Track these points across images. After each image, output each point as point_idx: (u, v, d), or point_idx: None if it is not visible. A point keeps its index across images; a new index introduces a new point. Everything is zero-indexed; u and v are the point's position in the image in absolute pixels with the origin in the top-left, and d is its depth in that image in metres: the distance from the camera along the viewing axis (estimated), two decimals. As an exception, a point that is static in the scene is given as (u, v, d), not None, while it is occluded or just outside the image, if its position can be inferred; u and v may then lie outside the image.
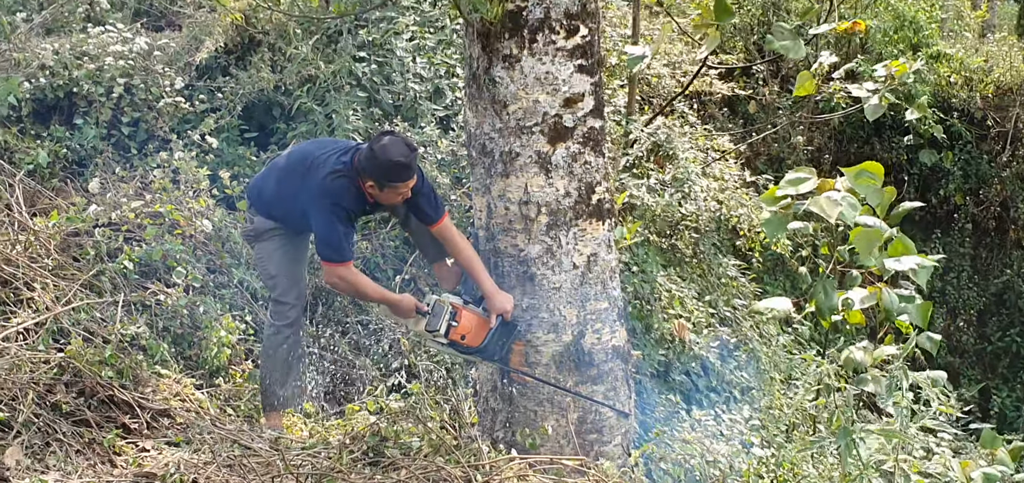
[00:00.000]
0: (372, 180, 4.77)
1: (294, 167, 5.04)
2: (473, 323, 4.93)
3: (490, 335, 4.93)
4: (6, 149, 6.36)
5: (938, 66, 13.84)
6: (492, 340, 4.94)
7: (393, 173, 4.73)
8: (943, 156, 13.71)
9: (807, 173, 4.92)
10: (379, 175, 4.74)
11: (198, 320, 5.73)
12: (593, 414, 5.05)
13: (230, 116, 7.17)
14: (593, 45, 4.84)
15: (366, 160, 4.76)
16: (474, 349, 4.95)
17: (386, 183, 4.77)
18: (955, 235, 13.93)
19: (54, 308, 5.11)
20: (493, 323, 4.93)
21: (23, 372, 4.51)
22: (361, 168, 4.79)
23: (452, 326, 4.90)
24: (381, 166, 4.71)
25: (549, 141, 4.80)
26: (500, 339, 4.95)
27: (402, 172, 4.74)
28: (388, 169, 4.72)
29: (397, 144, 4.75)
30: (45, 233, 5.69)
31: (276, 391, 5.26)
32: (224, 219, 6.43)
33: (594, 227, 4.97)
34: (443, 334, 4.89)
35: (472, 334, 4.92)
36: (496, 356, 4.98)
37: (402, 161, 4.71)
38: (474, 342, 4.93)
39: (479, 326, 4.93)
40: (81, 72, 6.80)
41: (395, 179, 4.76)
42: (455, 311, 4.90)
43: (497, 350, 4.96)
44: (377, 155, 4.71)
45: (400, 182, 4.79)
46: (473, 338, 4.93)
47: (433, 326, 4.90)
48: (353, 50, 7.49)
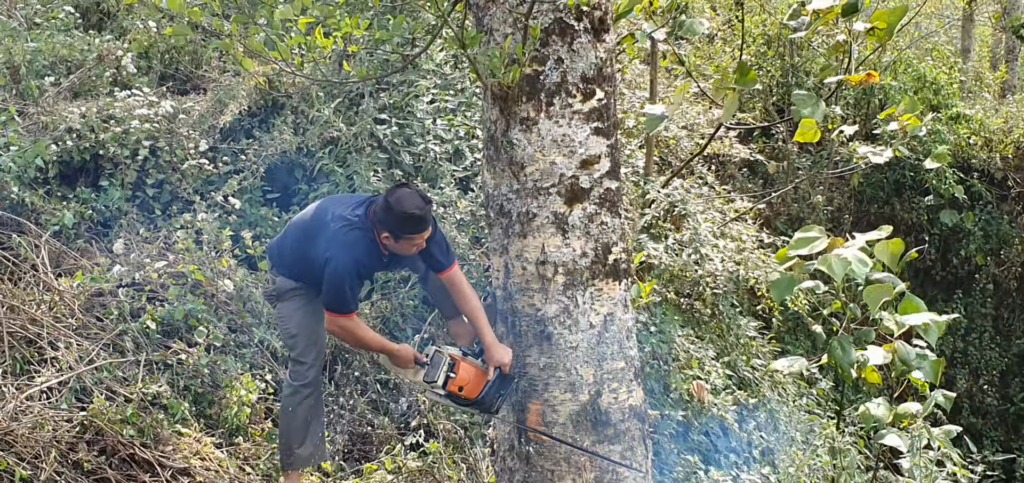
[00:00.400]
0: (388, 231, 4.86)
1: (311, 225, 5.13)
2: (471, 375, 5.00)
3: (487, 387, 4.99)
4: (33, 210, 6.47)
5: (958, 127, 13.88)
6: (489, 392, 5.00)
7: (409, 225, 4.82)
8: (964, 216, 13.71)
9: (817, 232, 4.96)
10: (395, 227, 4.83)
11: (219, 379, 5.79)
12: (610, 474, 5.06)
13: (253, 177, 7.27)
14: (609, 108, 4.91)
15: (382, 212, 4.85)
16: (471, 401, 5.02)
17: (401, 235, 4.85)
18: (977, 296, 13.89)
19: (77, 367, 5.18)
20: (491, 375, 4.99)
21: (46, 430, 4.58)
22: (377, 220, 4.88)
23: (450, 377, 4.97)
24: (397, 218, 4.80)
25: (566, 202, 4.86)
26: (497, 391, 5.01)
27: (417, 224, 4.84)
28: (404, 221, 4.80)
29: (412, 196, 4.83)
30: (70, 293, 5.78)
31: (294, 450, 5.30)
32: (246, 279, 6.51)
33: (611, 287, 5.01)
34: (441, 385, 4.97)
35: (470, 386, 4.99)
36: (493, 407, 5.03)
37: (417, 213, 4.80)
38: (471, 394, 4.99)
39: (477, 378, 5.00)
40: (107, 135, 6.92)
41: (410, 231, 4.85)
42: (453, 363, 4.98)
43: (494, 401, 5.01)
44: (393, 207, 4.80)
45: (415, 233, 4.88)
46: (470, 390, 4.99)
47: (431, 377, 4.98)
48: (374, 112, 7.60)
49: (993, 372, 13.71)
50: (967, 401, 13.36)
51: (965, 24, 17.90)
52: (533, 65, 4.76)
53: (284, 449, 5.35)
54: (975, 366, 13.64)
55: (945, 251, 13.94)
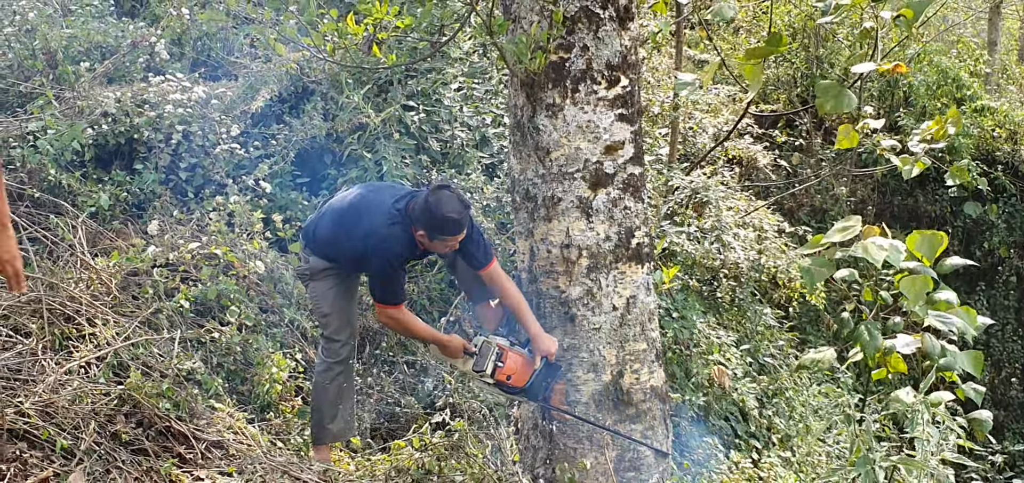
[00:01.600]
0: (424, 231, 4.94)
1: (349, 211, 5.24)
2: (518, 364, 5.10)
3: (535, 376, 5.09)
4: (70, 192, 6.62)
5: (982, 120, 13.88)
6: (537, 380, 5.10)
7: (446, 228, 4.90)
8: (987, 208, 13.72)
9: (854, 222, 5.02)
10: (432, 228, 4.91)
11: (250, 357, 5.93)
12: (631, 452, 5.18)
13: (283, 162, 7.40)
14: (633, 95, 5.02)
15: (421, 211, 4.93)
16: (519, 389, 5.12)
17: (437, 236, 4.94)
18: (1000, 288, 13.90)
19: (114, 343, 5.33)
20: (537, 364, 5.10)
21: (85, 403, 4.72)
22: (415, 217, 4.96)
23: (498, 367, 5.07)
24: (435, 220, 4.88)
25: (590, 187, 4.98)
26: (544, 379, 5.11)
27: (454, 227, 4.91)
28: (442, 224, 4.88)
29: (452, 200, 4.90)
30: (106, 272, 5.93)
31: (325, 426, 5.44)
32: (276, 261, 6.64)
33: (633, 270, 5.13)
34: (490, 374, 5.07)
35: (517, 374, 5.09)
36: (540, 396, 5.14)
37: (455, 217, 4.88)
38: (519, 382, 5.09)
39: (524, 367, 5.10)
40: (141, 119, 7.06)
41: (447, 233, 4.93)
42: (501, 352, 5.07)
43: (541, 390, 5.12)
44: (432, 209, 4.88)
45: (450, 236, 4.96)
46: (518, 378, 5.09)
47: (480, 366, 5.08)
48: (403, 99, 7.72)
49: (1015, 364, 13.73)
50: (990, 393, 13.38)
51: (992, 17, 17.87)
52: (559, 52, 4.88)
53: (316, 424, 5.49)
54: (998, 358, 13.65)
55: (968, 243, 13.95)
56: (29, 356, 5.12)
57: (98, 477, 4.35)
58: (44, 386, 4.76)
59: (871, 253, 4.59)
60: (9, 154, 6.61)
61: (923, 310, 4.64)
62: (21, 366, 5.02)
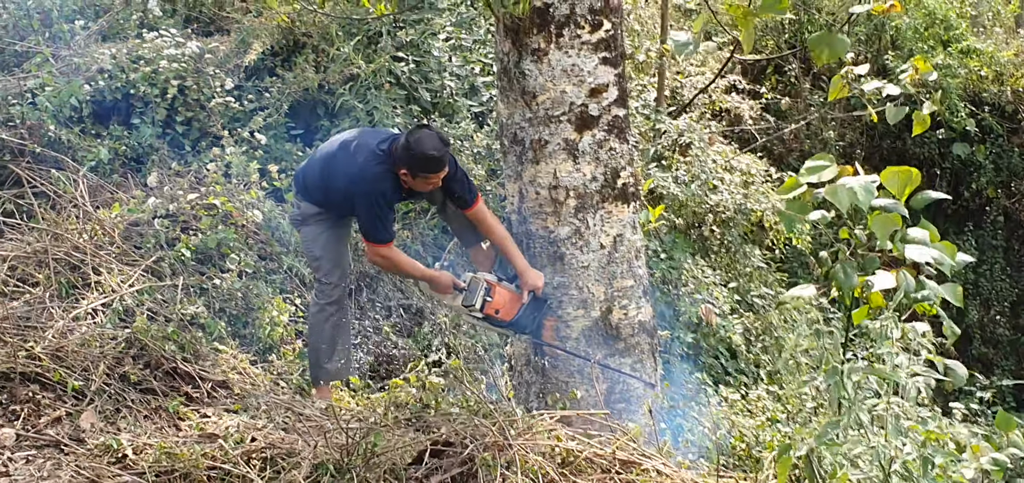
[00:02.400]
0: (406, 169, 5.13)
1: (336, 155, 5.41)
2: (506, 298, 5.29)
3: (522, 310, 5.28)
4: (69, 147, 6.77)
5: (969, 61, 13.96)
6: (524, 314, 5.28)
7: (426, 165, 5.09)
8: (975, 150, 13.84)
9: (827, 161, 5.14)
10: (413, 166, 5.10)
11: (251, 302, 6.12)
12: (621, 385, 5.36)
13: (277, 114, 7.55)
14: (616, 39, 5.16)
15: (402, 151, 5.12)
16: (507, 323, 5.31)
17: (419, 173, 5.13)
18: (988, 228, 14.04)
19: (120, 290, 5.51)
20: (525, 298, 5.28)
21: (94, 347, 4.91)
22: (397, 157, 5.15)
23: (487, 301, 5.26)
24: (415, 158, 5.07)
25: (576, 129, 5.12)
26: (531, 313, 5.30)
27: (434, 164, 5.10)
28: (422, 161, 5.08)
29: (431, 138, 5.10)
30: (109, 223, 6.10)
31: (323, 365, 5.63)
32: (273, 210, 6.81)
33: (620, 209, 5.29)
34: (479, 309, 5.26)
35: (505, 309, 5.28)
36: (528, 329, 5.32)
37: (434, 154, 5.07)
38: (507, 316, 5.29)
39: (512, 301, 5.29)
40: (137, 75, 7.20)
41: (427, 170, 5.12)
42: (490, 287, 5.26)
43: (529, 323, 5.30)
44: (412, 147, 5.07)
45: (432, 173, 5.14)
46: (506, 312, 5.29)
47: (469, 301, 5.27)
48: (392, 50, 7.85)
49: (1004, 303, 13.89)
50: (979, 331, 13.57)
51: (979, -44, 17.88)
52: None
53: (314, 365, 5.68)
54: (986, 297, 13.81)
55: (956, 184, 14.08)
56: (37, 304, 5.31)
57: (109, 415, 4.55)
58: (53, 331, 4.95)
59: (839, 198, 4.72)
60: (8, 111, 6.75)
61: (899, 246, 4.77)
62: (30, 314, 5.21)
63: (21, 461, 4.15)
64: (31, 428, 4.34)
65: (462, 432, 4.16)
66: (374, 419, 4.63)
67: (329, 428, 4.32)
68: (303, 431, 4.45)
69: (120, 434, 4.37)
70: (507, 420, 4.27)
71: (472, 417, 4.39)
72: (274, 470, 4.09)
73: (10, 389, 4.50)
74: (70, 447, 4.25)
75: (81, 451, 4.22)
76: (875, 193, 4.71)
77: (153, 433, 4.47)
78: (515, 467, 3.95)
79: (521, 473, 3.92)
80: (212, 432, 4.50)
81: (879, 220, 4.66)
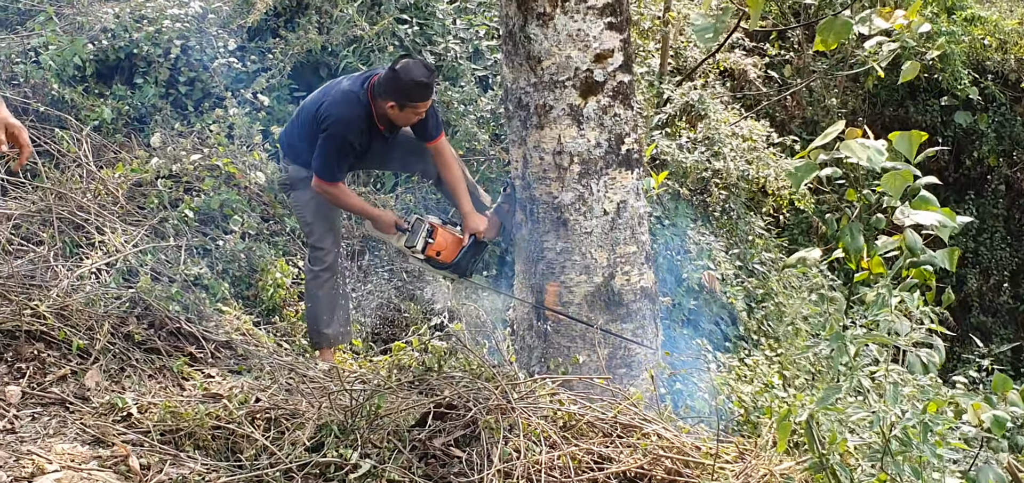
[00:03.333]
0: (393, 101, 5.15)
1: (312, 105, 5.44)
2: (448, 241, 5.44)
3: (462, 252, 5.44)
4: (73, 107, 6.78)
5: (972, 29, 13.92)
6: (462, 256, 5.45)
7: (416, 93, 5.14)
8: (977, 118, 13.81)
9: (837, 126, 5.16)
10: (401, 96, 5.13)
11: (254, 263, 6.14)
12: (622, 350, 5.38)
13: (280, 76, 7.55)
14: (622, 4, 5.15)
15: (388, 83, 5.14)
16: (446, 265, 5.46)
17: (407, 102, 5.17)
18: (989, 196, 14.03)
19: (124, 250, 5.53)
20: (466, 241, 5.40)
21: (98, 306, 4.93)
22: (381, 91, 5.16)
23: (429, 243, 5.40)
24: (404, 87, 5.10)
25: (581, 94, 5.12)
26: (471, 256, 5.47)
27: (424, 92, 5.17)
28: (411, 89, 5.12)
29: (418, 66, 5.14)
30: (113, 183, 6.11)
31: (322, 330, 5.66)
32: (276, 172, 6.82)
33: (623, 176, 5.29)
34: (420, 250, 5.41)
35: (446, 250, 5.44)
36: (467, 271, 5.49)
37: (424, 81, 5.12)
38: (447, 258, 5.45)
39: (454, 244, 5.44)
40: (140, 34, 7.19)
41: (417, 98, 5.18)
42: (432, 229, 5.38)
43: (468, 265, 5.47)
44: (401, 76, 5.09)
45: (420, 102, 5.21)
46: (447, 255, 5.44)
47: (411, 242, 5.41)
48: (396, 12, 7.83)
49: (1004, 272, 13.90)
50: (978, 300, 13.60)
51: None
52: (550, -39, 5.00)
53: (313, 330, 5.71)
54: (986, 266, 13.82)
55: (958, 153, 14.07)
56: (42, 263, 5.33)
57: (114, 374, 4.57)
58: (58, 290, 4.96)
59: (854, 150, 4.74)
60: (12, 70, 6.75)
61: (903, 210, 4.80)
62: (35, 272, 5.23)
63: (27, 418, 4.18)
64: (36, 386, 4.36)
65: (465, 395, 4.19)
66: (377, 382, 4.66)
67: (333, 390, 4.34)
68: (307, 392, 4.48)
69: (125, 393, 4.40)
70: (509, 384, 4.30)
71: (475, 380, 4.42)
72: (278, 431, 4.12)
73: (15, 347, 4.52)
74: (75, 405, 4.27)
75: (86, 409, 4.25)
76: (885, 154, 4.75)
77: (157, 392, 4.50)
78: (517, 430, 3.98)
79: (523, 436, 3.95)
80: (216, 392, 4.53)
81: (889, 177, 4.70)
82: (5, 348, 4.52)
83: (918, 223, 4.77)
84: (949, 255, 4.91)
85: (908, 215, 4.79)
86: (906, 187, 4.66)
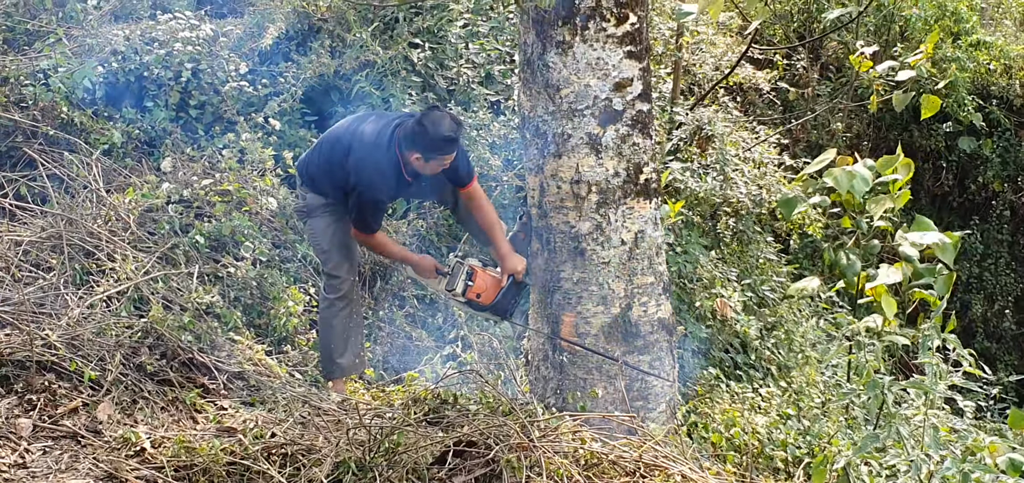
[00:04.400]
0: (419, 153, 5.13)
1: (338, 144, 5.39)
2: (488, 283, 5.39)
3: (501, 293, 5.38)
4: (82, 130, 6.72)
5: (978, 54, 13.90)
6: (502, 298, 5.39)
7: (442, 147, 5.12)
8: (982, 143, 13.78)
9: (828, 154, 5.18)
10: (427, 148, 5.11)
11: (266, 291, 6.07)
12: (639, 382, 5.32)
13: (292, 100, 7.48)
14: (642, 32, 5.11)
15: (415, 135, 5.11)
16: (486, 307, 5.42)
17: (433, 155, 5.14)
18: (993, 222, 13.99)
19: (135, 277, 5.46)
20: (504, 282, 5.33)
21: (110, 335, 4.86)
22: (408, 143, 5.14)
23: (468, 286, 5.37)
24: (431, 140, 5.08)
25: (599, 123, 5.07)
26: (511, 297, 5.41)
27: (449, 146, 5.15)
28: (438, 143, 5.09)
29: (445, 120, 5.11)
30: (123, 208, 6.04)
31: (335, 360, 5.59)
32: (288, 197, 6.76)
33: (641, 205, 5.24)
34: (460, 293, 5.39)
35: (487, 293, 5.39)
36: (508, 312, 5.44)
37: (451, 135, 5.10)
38: (487, 300, 5.41)
39: (494, 286, 5.40)
40: (151, 57, 7.13)
41: (443, 152, 5.16)
42: (472, 272, 5.36)
43: (508, 307, 5.42)
44: (428, 130, 5.07)
45: (446, 155, 5.18)
46: (487, 296, 5.40)
47: (451, 286, 5.39)
48: (409, 37, 7.79)
49: (1008, 297, 13.84)
50: (982, 326, 13.54)
51: (989, -51, 17.78)
52: (570, -11, 4.96)
53: (326, 360, 5.64)
54: (991, 291, 13.77)
55: (962, 178, 14.03)
56: (52, 290, 5.26)
57: (126, 407, 4.50)
58: (69, 319, 4.90)
59: (837, 180, 4.74)
60: (21, 92, 6.69)
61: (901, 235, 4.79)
62: (45, 300, 5.16)
63: (38, 452, 4.11)
64: (48, 418, 4.30)
65: (485, 431, 4.12)
66: (392, 415, 4.59)
67: (349, 425, 4.27)
68: (323, 427, 4.41)
69: (138, 426, 4.34)
70: (529, 419, 4.23)
71: (493, 415, 4.35)
72: (294, 467, 4.05)
73: (26, 378, 4.46)
74: (87, 439, 4.21)
75: (99, 443, 4.18)
76: (870, 180, 4.74)
77: (171, 425, 4.43)
78: (539, 468, 3.91)
79: (545, 475, 3.88)
80: (230, 426, 4.46)
81: (873, 200, 4.71)
82: (15, 378, 4.46)
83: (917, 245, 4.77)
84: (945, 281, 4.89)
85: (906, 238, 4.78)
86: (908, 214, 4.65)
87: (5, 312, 4.86)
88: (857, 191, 4.67)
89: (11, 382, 4.43)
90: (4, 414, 4.23)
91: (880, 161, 4.83)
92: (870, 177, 4.73)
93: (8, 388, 4.41)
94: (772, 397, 6.84)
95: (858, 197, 4.70)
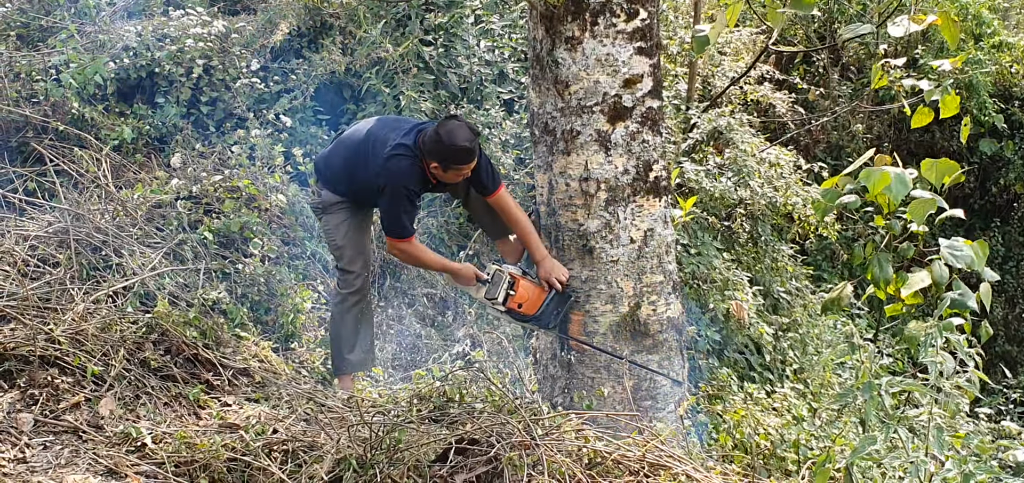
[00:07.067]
0: (437, 162, 5.07)
1: (360, 145, 5.33)
2: (530, 292, 5.20)
3: (545, 304, 5.21)
4: (93, 125, 6.71)
5: (1000, 56, 13.78)
6: (547, 308, 5.21)
7: (459, 157, 5.03)
8: (1004, 145, 13.66)
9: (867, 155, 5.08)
10: (445, 158, 5.04)
11: (274, 288, 6.04)
12: (648, 382, 5.26)
13: (303, 97, 7.47)
14: (652, 28, 5.05)
15: (432, 143, 5.05)
16: (530, 317, 5.23)
17: (451, 166, 5.07)
18: (1015, 224, 13.86)
19: (141, 273, 5.44)
20: (547, 292, 5.20)
21: (114, 331, 4.84)
22: (426, 150, 5.08)
23: (510, 295, 5.19)
24: (447, 150, 5.01)
25: (609, 120, 5.02)
26: (555, 307, 5.21)
27: (466, 156, 5.05)
28: (454, 153, 5.01)
29: (462, 130, 5.03)
30: (132, 204, 6.03)
31: (345, 356, 5.56)
32: (297, 194, 6.74)
33: (651, 203, 5.18)
34: (501, 302, 5.20)
35: (529, 302, 5.20)
36: (551, 323, 5.24)
37: (467, 146, 5.01)
38: (530, 310, 5.21)
39: (536, 295, 5.20)
40: (162, 53, 7.13)
41: (459, 162, 5.06)
42: (513, 281, 5.19)
43: (552, 318, 5.22)
44: (443, 140, 5.00)
45: (463, 165, 5.10)
46: (529, 306, 5.20)
47: (492, 294, 5.20)
48: (420, 34, 7.75)
49: (1030, 300, 13.73)
50: (1003, 329, 13.41)
51: (1012, -50, 17.62)
52: (579, -15, 4.91)
53: (336, 355, 5.61)
54: (1012, 295, 13.64)
55: (984, 180, 13.90)
56: (57, 286, 5.24)
57: (128, 402, 4.48)
58: (74, 314, 4.87)
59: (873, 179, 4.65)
60: (32, 87, 6.69)
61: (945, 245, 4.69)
62: (50, 295, 5.14)
63: (39, 447, 4.09)
64: (49, 413, 4.28)
65: (487, 429, 4.07)
66: (396, 413, 4.55)
67: (352, 422, 4.23)
68: (325, 423, 4.37)
69: (139, 422, 4.31)
70: (533, 418, 4.18)
71: (497, 413, 4.31)
72: (296, 463, 4.01)
73: (29, 372, 4.44)
74: (88, 434, 4.18)
75: (99, 439, 4.16)
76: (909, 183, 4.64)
77: (173, 421, 4.41)
78: (541, 467, 3.86)
79: (548, 474, 3.83)
80: (233, 422, 4.43)
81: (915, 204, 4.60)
82: (18, 373, 4.44)
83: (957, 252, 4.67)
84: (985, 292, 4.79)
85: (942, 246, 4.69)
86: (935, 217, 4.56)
87: (10, 307, 4.84)
88: (897, 194, 4.57)
89: (14, 377, 4.42)
90: (6, 409, 4.21)
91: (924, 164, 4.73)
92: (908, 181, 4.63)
93: (11, 383, 4.40)
94: (786, 398, 6.76)
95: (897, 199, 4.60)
